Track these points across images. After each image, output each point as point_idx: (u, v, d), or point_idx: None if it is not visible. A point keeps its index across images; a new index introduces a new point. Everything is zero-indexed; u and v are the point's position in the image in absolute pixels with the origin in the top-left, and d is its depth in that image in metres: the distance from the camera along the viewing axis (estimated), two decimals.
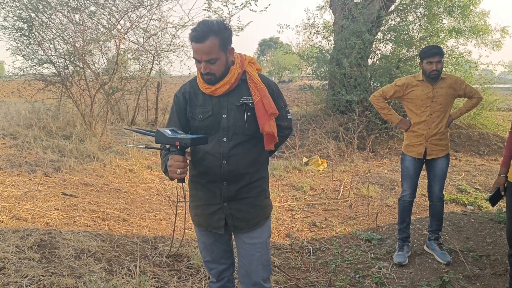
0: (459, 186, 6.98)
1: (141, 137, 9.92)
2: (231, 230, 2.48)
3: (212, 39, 2.19)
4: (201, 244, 2.62)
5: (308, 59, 12.41)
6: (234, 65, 2.35)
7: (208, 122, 2.36)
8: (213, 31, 2.19)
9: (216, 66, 2.26)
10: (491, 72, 10.92)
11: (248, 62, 2.44)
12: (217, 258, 2.59)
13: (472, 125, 10.69)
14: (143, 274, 3.62)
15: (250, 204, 2.45)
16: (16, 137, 8.19)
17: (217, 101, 2.37)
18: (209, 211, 2.46)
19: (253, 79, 2.37)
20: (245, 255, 2.52)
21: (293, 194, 6.73)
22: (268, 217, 2.57)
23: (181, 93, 2.47)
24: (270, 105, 2.33)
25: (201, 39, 2.19)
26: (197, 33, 2.19)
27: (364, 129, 9.76)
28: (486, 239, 4.84)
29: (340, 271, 4.19)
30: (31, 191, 5.34)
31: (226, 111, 2.35)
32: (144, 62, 12.17)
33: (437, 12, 10.89)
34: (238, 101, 2.36)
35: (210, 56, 2.22)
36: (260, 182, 2.49)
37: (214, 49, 2.21)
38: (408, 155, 4.38)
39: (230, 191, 2.40)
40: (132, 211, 5.41)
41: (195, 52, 2.24)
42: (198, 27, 2.21)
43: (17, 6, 9.12)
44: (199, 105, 2.40)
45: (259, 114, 2.32)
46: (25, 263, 3.39)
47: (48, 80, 10.05)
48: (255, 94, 2.34)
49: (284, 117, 2.53)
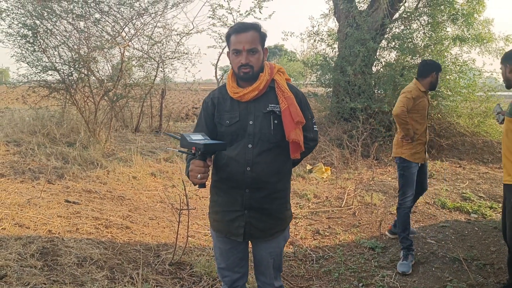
0: (463, 194, 6.95)
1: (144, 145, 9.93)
2: (247, 237, 2.47)
3: (254, 32, 2.33)
4: (217, 250, 2.61)
5: (313, 66, 12.44)
6: (264, 72, 2.39)
7: (235, 127, 2.38)
8: (254, 26, 2.35)
9: (255, 58, 2.34)
10: (495, 79, 10.89)
11: (277, 70, 2.49)
12: (232, 266, 2.58)
13: (476, 133, 10.66)
14: (146, 282, 3.61)
15: (270, 215, 2.46)
16: (20, 144, 8.21)
17: (244, 107, 2.39)
18: (229, 217, 2.46)
19: (281, 88, 2.40)
20: (260, 260, 2.58)
21: (296, 202, 6.71)
22: (285, 229, 2.59)
23: (210, 99, 2.51)
24: (297, 113, 2.34)
25: (245, 29, 2.32)
26: (239, 26, 2.34)
27: (368, 137, 9.73)
28: (490, 247, 4.81)
29: (344, 280, 4.16)
30: (34, 198, 5.35)
31: (253, 117, 2.37)
32: (148, 69, 12.24)
33: (441, 20, 10.91)
34: (265, 108, 2.38)
35: (252, 45, 2.32)
36: (283, 193, 2.50)
37: (256, 40, 2.33)
38: (414, 163, 4.50)
39: (252, 198, 2.39)
40: (135, 219, 5.40)
41: (237, 42, 2.32)
42: (238, 23, 2.39)
43: (22, 13, 9.19)
44: (227, 111, 2.42)
45: (286, 121, 2.33)
46: (27, 270, 3.38)
47: (52, 87, 10.10)
48: (283, 102, 2.35)
49: (310, 129, 2.52)
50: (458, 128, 10.70)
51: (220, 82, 12.65)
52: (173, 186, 7.22)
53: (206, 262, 4.09)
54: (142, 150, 9.37)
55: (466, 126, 10.76)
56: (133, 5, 9.95)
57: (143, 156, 8.54)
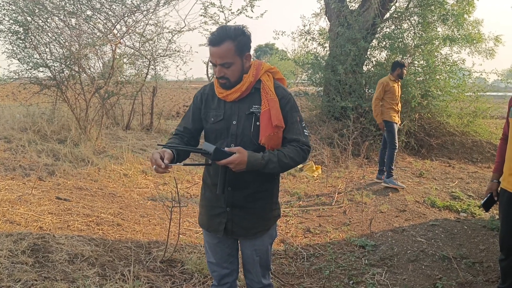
0: (453, 193, 7.02)
1: (135, 143, 9.90)
2: (229, 234, 2.50)
3: (228, 44, 2.25)
4: (206, 244, 2.65)
5: (304, 65, 12.47)
6: (248, 73, 2.36)
7: (219, 126, 2.40)
8: (229, 36, 2.25)
9: (230, 70, 2.30)
10: (485, 80, 11.00)
11: (265, 71, 2.44)
12: (221, 261, 2.60)
13: (465, 133, 10.76)
14: (137, 279, 3.61)
15: (253, 214, 2.47)
16: (10, 141, 8.15)
17: (229, 106, 2.40)
18: (212, 212, 2.51)
19: (265, 89, 2.37)
20: (246, 258, 2.60)
21: (287, 200, 6.75)
22: (270, 228, 2.59)
23: (200, 93, 2.54)
24: (277, 116, 2.31)
25: (217, 43, 2.24)
26: (214, 36, 2.25)
27: (358, 136, 9.79)
28: (479, 246, 4.87)
29: (334, 277, 4.20)
30: (25, 195, 5.32)
31: (237, 118, 2.37)
32: (140, 67, 12.15)
33: (431, 20, 10.98)
34: (248, 109, 2.37)
35: (224, 60, 2.26)
36: (267, 193, 2.50)
37: (229, 54, 2.26)
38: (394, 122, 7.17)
39: (234, 197, 2.42)
40: (126, 216, 5.39)
41: (211, 56, 2.29)
42: (215, 31, 2.28)
43: (13, 9, 9.09)
44: (213, 108, 2.45)
45: (263, 124, 2.31)
46: (18, 267, 3.37)
47: (43, 83, 10.01)
48: (264, 103, 2.33)
49: (300, 132, 2.40)
50: (448, 128, 10.79)
51: (211, 80, 12.63)
52: (165, 183, 7.21)
53: (197, 260, 4.10)
54: (133, 147, 9.34)
55: (456, 125, 10.86)
56: (125, 3, 9.90)
57: (134, 154, 8.51)
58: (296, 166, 2.40)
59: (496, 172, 3.54)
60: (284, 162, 2.29)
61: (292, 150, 2.33)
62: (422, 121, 10.66)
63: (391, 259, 4.56)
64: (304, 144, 2.38)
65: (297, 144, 2.36)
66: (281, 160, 2.28)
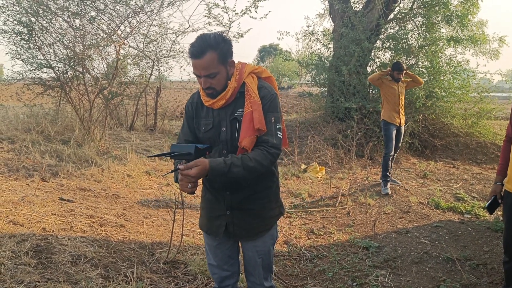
0: (457, 194, 6.99)
1: (139, 143, 9.91)
2: (231, 236, 2.49)
3: (210, 54, 2.18)
4: (206, 246, 2.65)
5: (308, 66, 12.47)
6: (231, 79, 2.32)
7: (211, 134, 2.38)
8: (211, 45, 2.18)
9: (216, 80, 2.26)
10: (489, 81, 10.93)
11: (248, 73, 2.39)
12: (221, 263, 2.60)
13: (469, 134, 10.71)
14: (140, 281, 3.61)
15: (253, 215, 2.47)
16: (14, 141, 8.17)
17: (217, 114, 2.38)
18: (212, 214, 2.51)
19: (249, 91, 2.32)
20: (248, 260, 2.59)
21: (291, 201, 6.73)
22: (271, 228, 2.57)
23: (190, 103, 2.51)
24: (260, 120, 2.25)
25: (199, 55, 2.17)
26: (194, 48, 2.18)
27: (362, 137, 9.77)
28: (483, 247, 4.84)
29: (338, 279, 4.18)
30: (28, 196, 5.32)
31: (225, 124, 2.35)
32: (143, 68, 12.20)
33: (435, 21, 10.96)
34: (233, 114, 2.34)
35: (209, 71, 2.21)
36: (264, 193, 2.49)
37: (213, 64, 2.20)
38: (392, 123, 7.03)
39: (233, 200, 2.42)
40: (130, 217, 5.39)
41: (194, 68, 2.23)
42: (195, 42, 2.20)
43: (17, 10, 9.12)
44: (203, 117, 2.43)
45: (244, 126, 2.26)
46: (21, 268, 3.37)
47: (47, 84, 10.04)
48: (247, 106, 2.29)
49: (272, 133, 2.31)
50: (452, 129, 10.75)
51: None
52: (168, 184, 7.21)
53: (200, 261, 4.09)
54: (137, 148, 9.35)
55: (460, 126, 10.81)
56: (129, 3, 9.91)
57: (137, 154, 8.52)
58: (264, 170, 2.29)
59: (500, 175, 3.53)
60: (249, 165, 2.20)
61: (258, 154, 2.25)
62: (426, 122, 10.62)
63: (395, 261, 4.54)
64: (272, 146, 2.29)
65: (264, 147, 2.27)
66: (246, 164, 2.20)
